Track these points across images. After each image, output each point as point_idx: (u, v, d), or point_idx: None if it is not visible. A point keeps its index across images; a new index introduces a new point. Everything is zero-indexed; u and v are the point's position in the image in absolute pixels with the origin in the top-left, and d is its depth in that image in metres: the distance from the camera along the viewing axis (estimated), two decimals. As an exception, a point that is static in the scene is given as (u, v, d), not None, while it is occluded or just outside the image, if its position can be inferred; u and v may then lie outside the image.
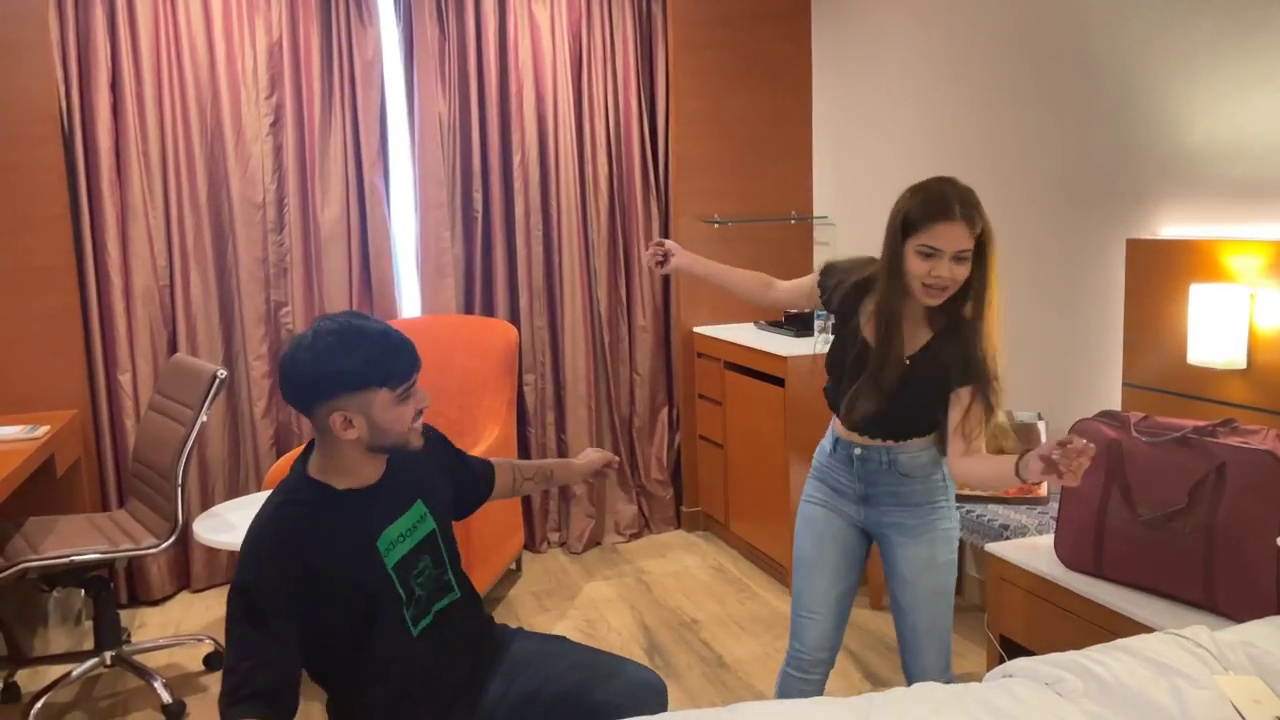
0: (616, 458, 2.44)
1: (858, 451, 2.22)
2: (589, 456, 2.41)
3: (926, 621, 2.23)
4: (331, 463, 1.84)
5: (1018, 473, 1.91)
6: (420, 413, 1.87)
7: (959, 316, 2.08)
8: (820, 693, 2.28)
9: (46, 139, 3.62)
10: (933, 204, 1.97)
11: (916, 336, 2.13)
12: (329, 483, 1.84)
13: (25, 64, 3.56)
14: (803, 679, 2.28)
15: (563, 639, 2.14)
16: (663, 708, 1.95)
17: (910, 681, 2.27)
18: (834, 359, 2.25)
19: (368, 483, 1.87)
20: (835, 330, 2.25)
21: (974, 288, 2.04)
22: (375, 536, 1.84)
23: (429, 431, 2.01)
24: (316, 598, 1.76)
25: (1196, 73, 2.74)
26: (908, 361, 2.11)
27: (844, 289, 2.21)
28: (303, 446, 1.98)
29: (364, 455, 1.84)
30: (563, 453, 4.40)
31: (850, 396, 2.16)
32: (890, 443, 2.19)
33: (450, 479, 2.10)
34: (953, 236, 1.96)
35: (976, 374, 2.06)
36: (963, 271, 2.01)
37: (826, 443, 2.33)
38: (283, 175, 3.98)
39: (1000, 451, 2.16)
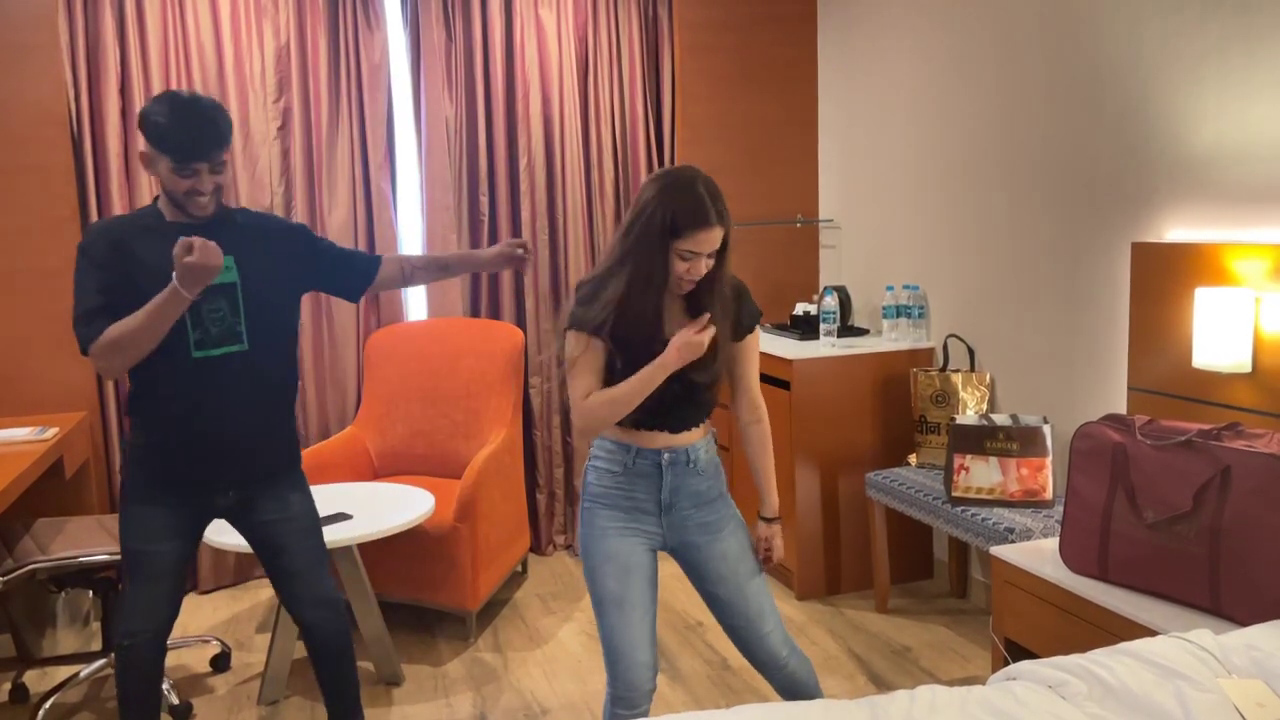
0: (525, 242, 2.64)
1: (666, 458, 2.17)
2: (497, 246, 2.65)
3: (755, 606, 2.24)
4: (163, 196, 2.35)
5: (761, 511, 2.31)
6: (198, 191, 2.26)
7: (704, 284, 2.14)
8: None
9: (55, 142, 3.64)
10: (694, 213, 2.03)
11: (680, 313, 2.17)
12: (163, 211, 2.34)
13: (35, 68, 3.59)
14: (632, 714, 2.17)
15: (315, 525, 2.53)
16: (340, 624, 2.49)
17: (767, 665, 2.27)
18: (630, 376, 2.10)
19: (193, 221, 2.32)
20: (624, 356, 2.11)
21: (718, 265, 2.13)
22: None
23: (286, 224, 2.54)
24: (127, 281, 2.23)
25: (1204, 77, 2.74)
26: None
27: (608, 318, 2.09)
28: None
29: (168, 200, 2.31)
30: (569, 458, 4.42)
31: (662, 397, 2.11)
32: (693, 438, 2.20)
33: (302, 265, 2.48)
34: (711, 239, 2.06)
35: (754, 314, 2.24)
36: (711, 264, 2.10)
37: (613, 462, 2.19)
38: (290, 178, 4.00)
39: None
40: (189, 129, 2.22)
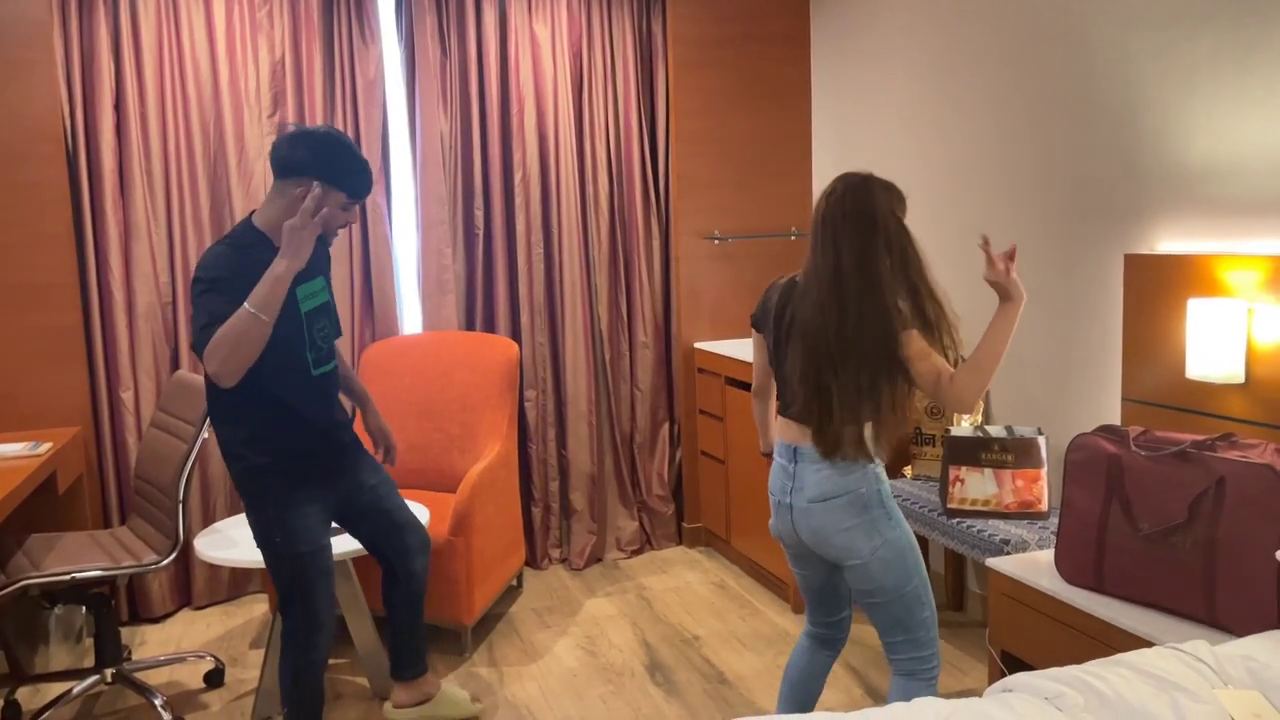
0: (393, 452, 2.99)
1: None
2: (379, 430, 2.97)
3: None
4: (274, 222, 2.44)
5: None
6: (350, 223, 2.58)
7: None
8: None
9: (50, 157, 3.64)
10: None
11: None
12: (269, 235, 2.45)
13: (30, 83, 3.59)
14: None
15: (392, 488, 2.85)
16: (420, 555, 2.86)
17: (834, 643, 2.57)
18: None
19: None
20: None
21: None
22: (297, 284, 2.46)
23: (328, 254, 2.74)
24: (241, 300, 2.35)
25: (1196, 90, 2.76)
26: None
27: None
28: None
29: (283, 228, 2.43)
30: (564, 470, 4.41)
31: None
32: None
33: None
34: None
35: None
36: None
37: (881, 469, 2.32)
38: (285, 193, 3.99)
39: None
40: (366, 172, 2.53)
